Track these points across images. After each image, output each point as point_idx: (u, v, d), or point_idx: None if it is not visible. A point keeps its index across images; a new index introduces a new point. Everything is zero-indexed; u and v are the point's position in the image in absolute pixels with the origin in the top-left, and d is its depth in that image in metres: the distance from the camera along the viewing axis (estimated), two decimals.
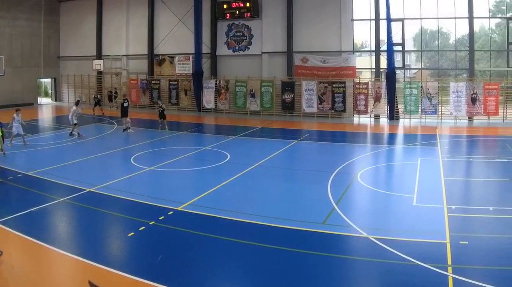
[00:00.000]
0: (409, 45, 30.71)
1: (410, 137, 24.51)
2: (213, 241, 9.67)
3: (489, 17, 29.84)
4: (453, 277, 8.01)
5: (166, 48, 33.13)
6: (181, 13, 31.80)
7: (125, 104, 23.41)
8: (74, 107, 21.95)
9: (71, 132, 22.18)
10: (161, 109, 23.88)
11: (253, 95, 30.29)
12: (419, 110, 28.49)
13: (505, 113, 27.96)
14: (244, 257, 8.96)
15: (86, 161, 17.08)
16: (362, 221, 11.01)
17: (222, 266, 8.56)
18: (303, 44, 29.95)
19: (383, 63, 29.01)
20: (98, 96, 31.33)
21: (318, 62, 29.66)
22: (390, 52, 28.13)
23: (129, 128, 23.34)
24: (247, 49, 30.91)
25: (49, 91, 41.32)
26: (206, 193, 12.96)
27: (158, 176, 15.22)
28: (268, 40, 30.40)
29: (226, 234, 10.00)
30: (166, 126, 23.67)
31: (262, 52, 30.56)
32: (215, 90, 31.14)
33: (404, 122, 28.48)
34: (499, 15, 30.38)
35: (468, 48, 28.68)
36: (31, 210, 11.28)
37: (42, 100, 39.34)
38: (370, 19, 29.52)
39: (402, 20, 29.06)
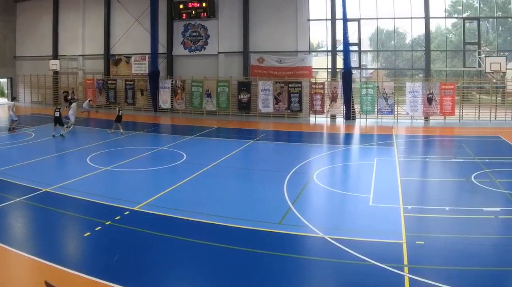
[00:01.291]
0: (365, 45, 30.88)
1: (366, 137, 24.48)
2: (170, 241, 9.64)
3: (445, 17, 30.23)
4: (409, 277, 7.99)
5: (122, 48, 32.65)
6: (137, 13, 31.37)
7: (120, 113, 22.96)
8: (11, 103, 21.53)
9: (10, 128, 21.83)
10: (120, 113, 23.29)
11: (209, 95, 29.99)
12: (375, 110, 28.56)
13: (461, 113, 28.24)
14: (201, 257, 8.93)
15: (42, 161, 16.75)
16: (318, 221, 11.01)
17: (178, 266, 8.54)
18: (260, 44, 29.81)
19: (339, 63, 29.04)
20: (69, 96, 30.72)
21: (274, 62, 29.55)
22: (346, 52, 28.20)
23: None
24: (203, 49, 30.64)
25: (5, 91, 40.41)
26: (162, 193, 12.90)
27: (114, 176, 15.02)
28: (224, 40, 30.18)
29: (183, 234, 9.97)
30: (121, 130, 23.02)
31: (219, 52, 30.31)
32: (171, 90, 30.76)
33: (360, 122, 28.52)
34: (455, 15, 30.87)
35: (424, 48, 28.94)
36: None
37: None
38: (326, 19, 29.54)
39: (358, 20, 29.18)
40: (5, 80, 39.36)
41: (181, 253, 9.04)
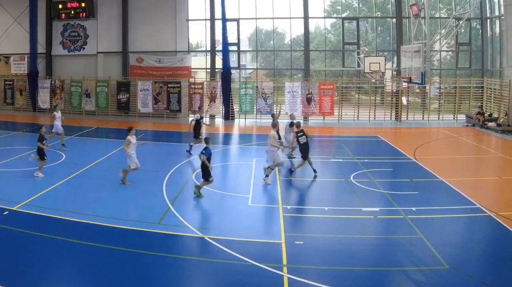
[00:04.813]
0: (244, 45, 30.86)
1: (245, 137, 24.39)
2: (50, 241, 9.52)
3: (324, 17, 30.46)
4: (288, 277, 8.00)
5: (1, 48, 31.75)
6: (16, 13, 30.79)
7: None
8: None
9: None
10: None
11: (88, 95, 29.62)
12: (255, 110, 28.48)
13: (340, 113, 28.24)
14: (80, 257, 8.86)
15: None
16: (197, 220, 11.13)
17: (58, 266, 8.47)
18: (139, 44, 29.62)
19: (219, 63, 29.00)
20: None
21: (153, 62, 29.38)
22: (225, 52, 28.17)
23: None
24: (82, 49, 30.31)
25: None
26: (42, 193, 12.80)
27: None
28: (103, 40, 29.90)
29: (62, 234, 9.85)
30: None
31: (98, 52, 30.01)
32: (51, 90, 30.30)
33: (239, 122, 28.43)
34: (335, 15, 30.99)
35: (303, 48, 29.01)
36: None
37: None
38: (206, 19, 29.59)
39: (237, 20, 29.24)
40: None
41: (60, 253, 8.98)
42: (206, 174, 12.48)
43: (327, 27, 31.13)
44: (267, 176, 14.06)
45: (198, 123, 18.50)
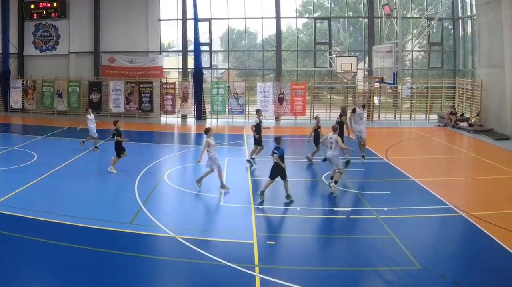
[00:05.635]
0: (216, 45, 30.76)
1: (217, 138, 24.06)
2: (21, 241, 9.52)
3: (296, 17, 30.46)
4: (260, 277, 8.02)
5: None
6: None
7: None
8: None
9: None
10: None
11: (60, 95, 29.55)
12: (226, 110, 28.46)
13: (312, 113, 28.21)
14: (52, 257, 8.85)
15: None
16: (169, 220, 11.04)
17: (29, 267, 8.44)
18: (111, 44, 29.57)
19: (191, 63, 28.98)
20: None
21: (125, 62, 29.34)
22: (197, 52, 28.18)
23: None
24: (54, 49, 30.24)
25: None
26: (13, 193, 12.85)
27: None
28: (75, 40, 29.84)
29: (34, 234, 9.86)
30: None
31: (70, 52, 29.94)
32: (23, 90, 30.24)
33: (211, 122, 28.33)
34: (306, 15, 30.96)
35: (275, 48, 29.00)
36: None
37: None
38: (177, 19, 29.56)
39: (209, 20, 29.29)
40: None
41: (32, 253, 8.96)
42: (283, 173, 12.35)
43: (299, 27, 31.18)
44: (336, 182, 13.24)
45: (258, 127, 16.89)
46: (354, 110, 17.55)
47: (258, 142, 16.75)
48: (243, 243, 9.64)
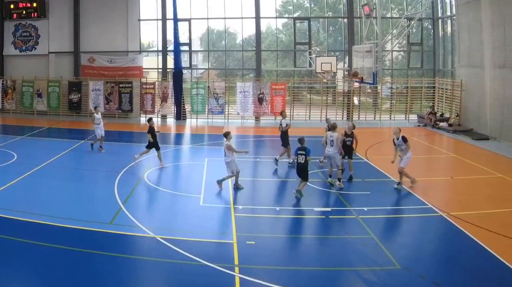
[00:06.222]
0: (196, 45, 30.77)
1: (197, 138, 24.37)
2: (0, 241, 9.51)
3: (276, 17, 30.45)
4: (240, 277, 8.04)
5: None
6: None
7: None
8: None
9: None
10: None
11: (40, 95, 29.51)
12: (206, 110, 28.46)
13: (292, 113, 28.22)
14: (31, 257, 8.83)
15: None
16: (149, 221, 11.06)
17: (8, 266, 8.46)
18: (91, 44, 29.50)
19: (170, 63, 28.97)
20: None
21: (105, 62, 29.30)
22: (177, 52, 28.17)
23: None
24: (34, 49, 30.15)
25: None
26: None
27: None
28: (55, 40, 29.78)
29: (13, 234, 9.85)
30: None
31: (49, 52, 29.87)
32: (2, 90, 30.15)
33: (191, 122, 28.40)
34: (286, 15, 30.98)
35: (255, 48, 29.00)
36: None
37: None
38: (157, 19, 29.52)
39: (189, 20, 29.28)
40: None
41: (11, 253, 8.97)
42: (305, 174, 12.43)
43: (278, 27, 31.17)
44: (339, 179, 13.63)
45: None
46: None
47: (285, 144, 16.70)
48: (223, 243, 9.71)
